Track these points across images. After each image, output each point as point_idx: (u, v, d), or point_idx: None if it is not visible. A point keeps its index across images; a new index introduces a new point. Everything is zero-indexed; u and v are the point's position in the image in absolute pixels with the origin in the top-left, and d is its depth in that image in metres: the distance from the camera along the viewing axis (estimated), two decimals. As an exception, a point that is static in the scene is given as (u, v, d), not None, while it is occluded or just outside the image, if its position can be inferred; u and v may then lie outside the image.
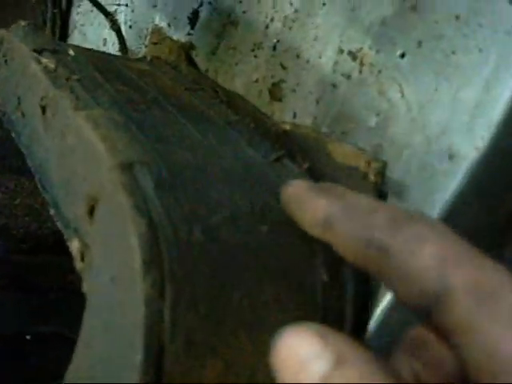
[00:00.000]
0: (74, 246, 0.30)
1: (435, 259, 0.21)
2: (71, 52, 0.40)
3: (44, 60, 0.36)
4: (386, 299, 0.35)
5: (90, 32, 0.67)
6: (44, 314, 0.52)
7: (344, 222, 0.24)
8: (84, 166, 0.30)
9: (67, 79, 0.34)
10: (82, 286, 0.30)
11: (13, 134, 0.42)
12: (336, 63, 0.39)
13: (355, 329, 0.32)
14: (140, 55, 0.55)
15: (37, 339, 0.51)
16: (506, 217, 0.35)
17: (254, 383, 0.28)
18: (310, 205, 0.26)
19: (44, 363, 0.50)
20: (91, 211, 0.29)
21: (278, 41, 0.42)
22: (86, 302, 0.29)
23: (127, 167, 0.27)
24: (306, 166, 0.36)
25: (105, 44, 0.63)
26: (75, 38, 0.70)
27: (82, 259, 0.30)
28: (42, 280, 0.52)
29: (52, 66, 0.36)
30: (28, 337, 0.51)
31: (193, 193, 0.28)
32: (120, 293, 0.26)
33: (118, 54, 0.57)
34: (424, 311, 0.21)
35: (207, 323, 0.25)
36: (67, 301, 0.50)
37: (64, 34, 0.71)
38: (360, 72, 0.37)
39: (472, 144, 0.32)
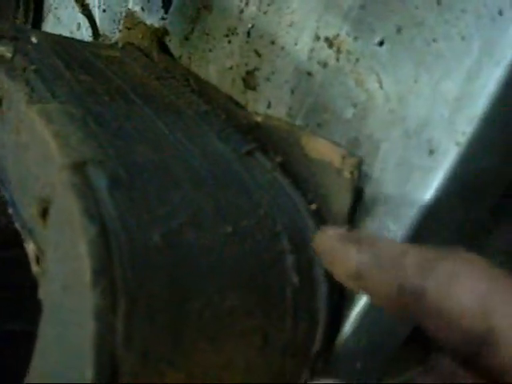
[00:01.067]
0: (30, 248, 0.29)
1: (474, 299, 0.20)
2: (34, 39, 0.38)
3: (0, 48, 0.34)
4: (362, 300, 0.33)
5: (64, 16, 0.65)
6: (15, 312, 0.50)
7: (374, 270, 0.24)
8: (37, 165, 0.28)
9: (24, 69, 0.32)
10: (39, 291, 0.28)
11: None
12: (312, 50, 0.37)
13: (328, 330, 0.31)
14: (114, 40, 0.53)
15: (7, 337, 0.49)
16: (486, 212, 0.34)
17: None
18: (342, 257, 0.26)
19: (15, 362, 0.49)
20: (44, 214, 0.27)
21: (252, 26, 0.40)
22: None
23: (79, 166, 0.25)
24: (278, 160, 0.34)
25: (79, 28, 0.61)
26: (49, 22, 0.68)
27: (38, 264, 0.28)
28: (14, 276, 0.50)
29: (8, 54, 0.34)
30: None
31: (152, 194, 0.26)
32: (71, 303, 0.24)
33: (91, 39, 0.55)
34: (468, 355, 0.20)
35: (165, 335, 0.24)
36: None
37: (38, 18, 0.68)
38: (337, 60, 0.35)
39: (453, 139, 0.30)
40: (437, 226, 0.32)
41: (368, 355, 0.35)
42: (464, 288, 0.20)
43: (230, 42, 0.42)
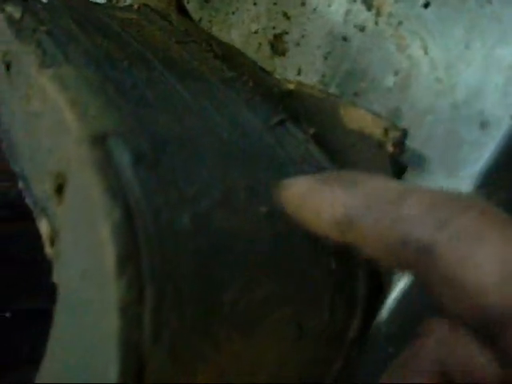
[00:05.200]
0: (43, 228, 0.26)
1: (496, 266, 0.15)
2: (44, -2, 0.35)
3: (8, 8, 0.31)
4: (400, 285, 0.31)
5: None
6: (26, 289, 0.48)
7: (369, 215, 0.18)
8: (50, 136, 0.25)
9: (34, 30, 0.29)
10: (53, 274, 0.26)
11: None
12: (348, 12, 0.34)
13: (365, 317, 0.28)
14: (128, 2, 0.50)
15: (18, 316, 0.47)
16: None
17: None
18: (324, 200, 0.20)
19: (27, 342, 0.47)
20: (59, 191, 0.24)
21: (280, -14, 0.37)
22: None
23: (100, 140, 0.22)
24: (312, 131, 0.31)
25: (90, -11, 0.57)
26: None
27: (52, 244, 0.26)
28: (23, 251, 0.47)
29: (17, 14, 0.31)
30: (8, 314, 0.47)
31: (179, 171, 0.23)
32: (90, 293, 0.22)
33: (104, 0, 0.52)
34: (486, 335, 0.16)
35: (195, 329, 0.21)
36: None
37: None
38: (376, 23, 0.32)
39: (507, 110, 0.27)
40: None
41: (399, 340, 0.33)
42: (487, 252, 0.16)
43: (255, 3, 0.39)
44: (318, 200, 0.21)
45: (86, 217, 0.22)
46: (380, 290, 0.29)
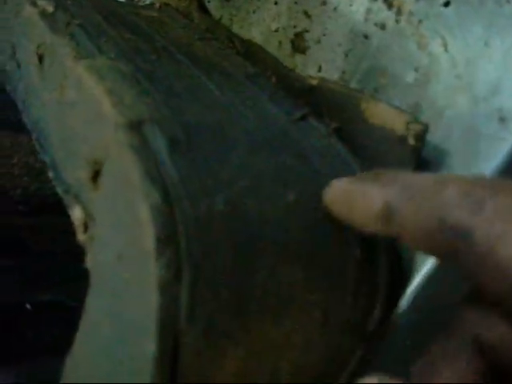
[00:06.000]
0: (76, 215, 0.27)
1: None
2: (72, -5, 0.36)
3: (41, 2, 0.32)
4: (419, 275, 0.31)
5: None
6: (45, 281, 0.49)
7: (407, 204, 0.19)
8: (86, 125, 0.26)
9: (67, 24, 0.30)
10: (86, 260, 0.27)
11: (8, 87, 0.38)
12: (369, 11, 0.34)
13: (386, 307, 0.29)
14: (149, 1, 0.51)
15: (37, 308, 0.48)
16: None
17: (278, 373, 0.25)
18: (363, 196, 0.21)
19: (45, 334, 0.47)
20: (95, 177, 0.25)
21: (301, -15, 0.38)
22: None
23: (136, 126, 0.23)
24: (334, 125, 0.32)
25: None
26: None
27: (85, 231, 0.26)
28: (43, 243, 0.48)
29: (50, 8, 0.31)
30: (28, 306, 0.48)
31: (212, 156, 0.24)
32: (128, 273, 0.22)
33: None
34: None
35: (228, 309, 0.22)
36: (71, 266, 0.47)
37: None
38: (397, 22, 0.33)
39: (526, 105, 0.28)
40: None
41: (417, 332, 0.34)
42: None
43: (276, 2, 0.40)
44: (361, 197, 0.22)
45: (125, 200, 0.23)
46: (402, 278, 0.30)
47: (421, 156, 0.30)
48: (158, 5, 0.44)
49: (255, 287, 0.23)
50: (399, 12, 0.33)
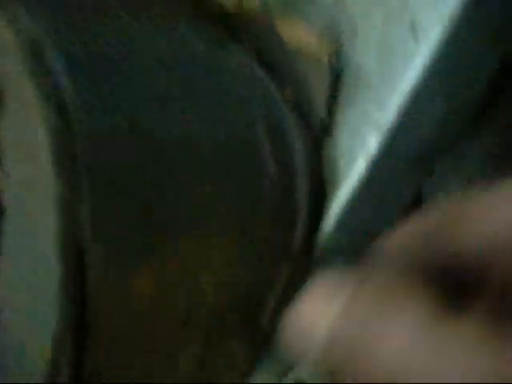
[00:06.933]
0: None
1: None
2: None
3: None
4: (342, 196, 0.31)
5: None
6: None
7: None
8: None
9: None
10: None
11: None
12: None
13: (309, 229, 0.29)
14: None
15: None
16: (470, 104, 0.32)
17: (199, 289, 0.25)
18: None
19: None
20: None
21: None
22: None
23: (33, 45, 0.22)
24: (252, 48, 0.31)
25: None
26: None
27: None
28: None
29: None
30: None
31: (115, 75, 0.24)
32: (34, 199, 0.22)
33: None
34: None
35: (136, 226, 0.22)
36: None
37: None
38: None
39: (437, 20, 0.28)
40: (420, 115, 0.30)
41: (348, 254, 0.34)
42: None
43: None
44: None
45: (25, 124, 0.22)
46: (321, 201, 0.30)
47: (338, 73, 0.30)
48: None
49: (165, 203, 0.23)
50: None
